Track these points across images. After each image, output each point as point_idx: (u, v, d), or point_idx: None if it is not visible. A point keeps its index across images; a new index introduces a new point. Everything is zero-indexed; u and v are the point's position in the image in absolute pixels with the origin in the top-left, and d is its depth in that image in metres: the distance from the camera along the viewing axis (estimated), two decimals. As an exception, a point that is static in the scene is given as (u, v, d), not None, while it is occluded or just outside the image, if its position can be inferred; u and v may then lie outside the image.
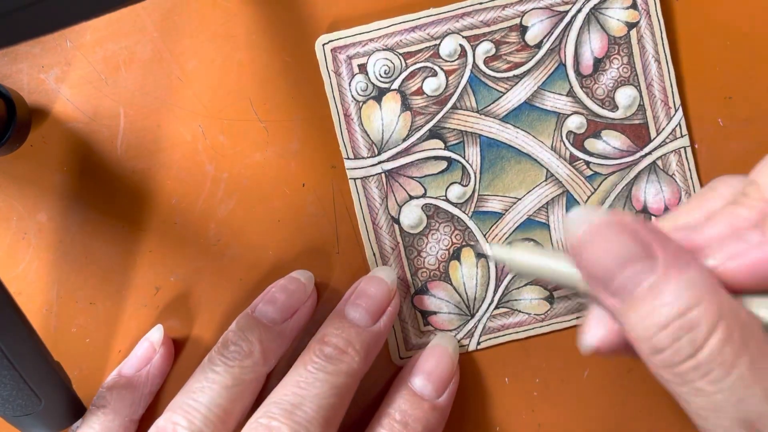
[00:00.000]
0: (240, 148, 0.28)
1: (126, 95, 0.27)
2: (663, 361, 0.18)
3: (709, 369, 0.17)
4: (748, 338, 0.17)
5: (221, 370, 0.24)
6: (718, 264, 0.18)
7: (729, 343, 0.17)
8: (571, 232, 0.19)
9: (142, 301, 0.28)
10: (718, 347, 0.17)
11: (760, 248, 0.18)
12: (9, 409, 0.22)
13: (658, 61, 0.27)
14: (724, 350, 0.17)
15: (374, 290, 0.26)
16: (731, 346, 0.17)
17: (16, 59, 0.27)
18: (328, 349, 0.24)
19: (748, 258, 0.18)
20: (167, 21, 0.27)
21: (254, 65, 0.27)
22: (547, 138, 0.28)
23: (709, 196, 0.21)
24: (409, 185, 0.28)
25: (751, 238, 0.18)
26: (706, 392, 0.17)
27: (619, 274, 0.18)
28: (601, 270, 0.18)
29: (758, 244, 0.18)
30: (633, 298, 0.18)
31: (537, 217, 0.28)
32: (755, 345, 0.17)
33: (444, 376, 0.26)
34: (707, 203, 0.21)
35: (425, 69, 0.27)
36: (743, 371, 0.17)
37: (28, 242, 0.27)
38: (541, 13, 0.27)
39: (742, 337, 0.17)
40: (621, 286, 0.18)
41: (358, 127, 0.27)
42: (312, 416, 0.23)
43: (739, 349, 0.17)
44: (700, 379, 0.17)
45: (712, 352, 0.17)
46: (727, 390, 0.17)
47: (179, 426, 0.23)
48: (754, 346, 0.17)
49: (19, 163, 0.27)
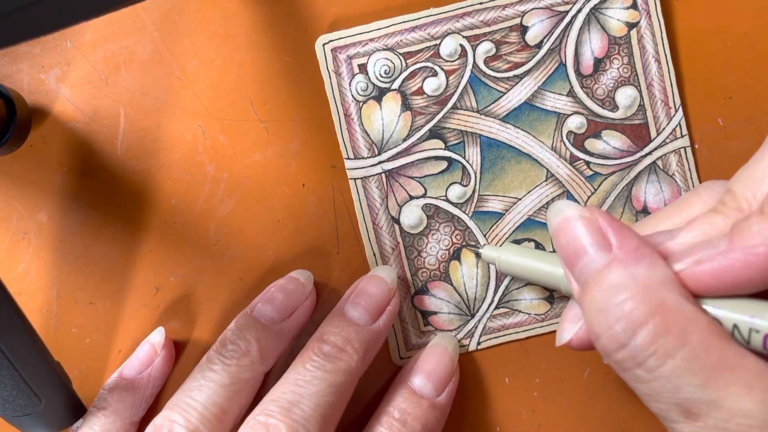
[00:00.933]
0: (240, 148, 0.28)
1: (126, 95, 0.27)
2: (602, 348, 0.19)
3: (643, 358, 0.18)
4: (689, 332, 0.18)
5: (219, 369, 0.24)
6: (684, 268, 0.19)
7: (665, 334, 0.18)
8: (549, 222, 0.21)
9: (142, 301, 0.28)
10: (650, 337, 0.18)
11: (725, 255, 0.18)
12: (9, 409, 0.22)
13: (659, 61, 0.27)
14: (659, 341, 0.18)
15: (374, 289, 0.26)
16: (668, 338, 0.18)
17: (16, 59, 0.27)
18: (326, 347, 0.24)
19: (713, 264, 0.19)
20: (167, 21, 0.27)
21: (254, 65, 0.27)
22: (547, 138, 0.28)
23: (691, 201, 0.23)
24: (409, 185, 0.28)
25: (718, 246, 0.19)
26: (644, 379, 0.18)
27: (578, 261, 0.20)
28: (567, 256, 0.20)
29: (724, 252, 0.19)
30: (586, 283, 0.20)
31: (537, 217, 0.28)
32: (698, 339, 0.18)
33: (443, 375, 0.26)
34: (689, 208, 0.22)
35: (425, 69, 0.27)
36: (679, 362, 0.18)
37: (28, 242, 0.27)
38: (542, 13, 0.27)
39: (681, 330, 0.18)
40: (579, 273, 0.20)
41: (358, 127, 0.27)
42: (309, 414, 0.23)
43: (677, 341, 0.18)
44: (636, 368, 0.18)
45: (645, 342, 0.18)
46: (662, 378, 0.18)
47: (176, 424, 0.23)
48: (696, 340, 0.18)
49: (19, 163, 0.27)
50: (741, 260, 0.18)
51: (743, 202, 0.20)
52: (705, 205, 0.22)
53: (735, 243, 0.18)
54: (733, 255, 0.18)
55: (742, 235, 0.18)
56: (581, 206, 0.21)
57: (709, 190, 0.23)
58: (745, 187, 0.20)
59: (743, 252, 0.18)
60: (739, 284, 0.19)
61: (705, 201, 0.22)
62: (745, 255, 0.18)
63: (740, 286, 0.19)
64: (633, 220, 0.28)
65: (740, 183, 0.20)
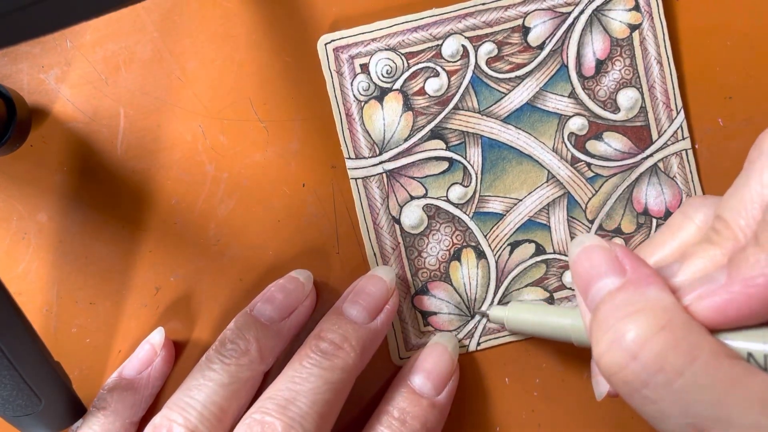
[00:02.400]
0: (240, 148, 0.27)
1: (126, 95, 0.27)
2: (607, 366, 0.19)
3: (650, 376, 0.18)
4: (698, 349, 0.18)
5: (218, 368, 0.24)
6: (688, 304, 0.19)
7: (674, 350, 0.18)
8: (570, 254, 0.22)
9: (142, 301, 0.28)
10: (658, 352, 0.18)
11: (726, 289, 0.18)
12: (9, 409, 0.22)
13: (660, 63, 0.27)
14: (667, 357, 0.18)
15: (372, 288, 0.26)
16: (677, 354, 0.18)
17: (16, 59, 0.27)
18: (324, 344, 0.24)
19: (714, 299, 0.19)
20: (167, 21, 0.27)
21: (254, 65, 0.27)
22: (548, 139, 0.28)
23: (683, 225, 0.23)
24: (410, 185, 0.28)
25: (718, 279, 0.19)
26: (652, 399, 0.18)
27: (592, 286, 0.20)
28: (582, 283, 0.20)
29: (725, 285, 0.18)
30: (596, 307, 0.20)
31: (538, 218, 0.28)
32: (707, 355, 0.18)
33: (443, 374, 0.26)
34: (681, 233, 0.23)
35: (427, 69, 0.27)
36: (688, 379, 0.17)
37: (28, 242, 0.27)
38: (544, 14, 0.27)
39: (690, 347, 0.18)
40: (592, 298, 0.20)
41: (359, 126, 0.27)
42: (306, 411, 0.23)
43: (686, 357, 0.18)
44: (643, 388, 0.18)
45: (652, 355, 0.18)
46: (671, 397, 0.18)
47: (175, 423, 0.23)
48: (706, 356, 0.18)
49: (19, 163, 0.27)
50: (742, 293, 0.18)
51: (737, 231, 0.20)
52: (697, 228, 0.22)
53: (734, 276, 0.18)
54: (733, 288, 0.18)
55: (740, 268, 0.18)
56: (601, 238, 0.21)
57: (697, 211, 0.23)
58: (737, 215, 0.20)
59: (743, 285, 0.18)
60: (742, 316, 0.18)
61: (696, 224, 0.23)
62: (745, 287, 0.18)
63: (744, 318, 0.18)
64: (634, 222, 0.28)
65: (731, 210, 0.20)
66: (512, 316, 0.26)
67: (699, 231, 0.22)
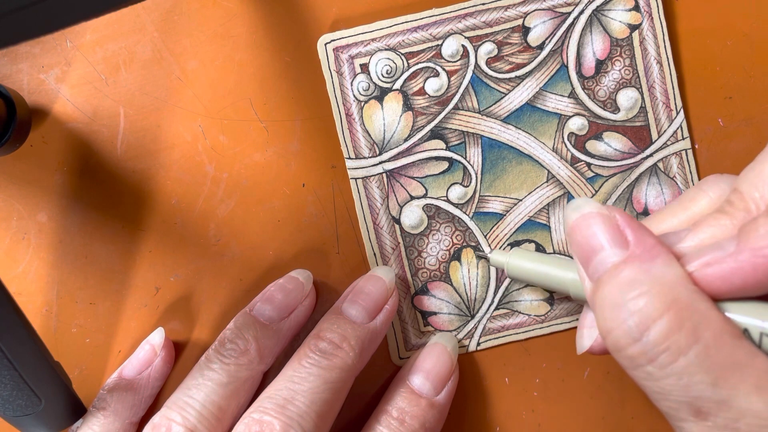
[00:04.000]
0: (240, 148, 0.27)
1: (126, 95, 0.27)
2: (613, 343, 0.19)
3: (655, 354, 0.18)
4: (702, 329, 0.18)
5: (217, 368, 0.24)
6: (693, 270, 0.19)
7: (678, 331, 0.18)
8: (566, 218, 0.21)
9: (142, 301, 0.28)
10: (664, 333, 0.18)
11: (734, 257, 0.18)
12: (9, 409, 0.22)
13: (660, 63, 0.27)
14: (672, 337, 0.18)
15: (372, 288, 0.26)
16: (682, 334, 0.18)
17: (16, 59, 0.27)
18: (323, 344, 0.24)
19: (722, 267, 0.19)
20: (167, 21, 0.27)
21: (254, 65, 0.27)
22: (548, 139, 0.28)
23: (697, 197, 0.22)
24: (410, 185, 0.28)
25: (727, 247, 0.19)
26: (655, 376, 0.18)
27: (594, 257, 0.20)
28: (582, 253, 0.20)
29: (733, 254, 0.18)
30: (599, 280, 0.19)
31: (538, 218, 0.28)
32: (711, 336, 0.18)
33: (442, 373, 0.26)
34: (693, 205, 0.22)
35: (427, 69, 0.27)
36: (692, 359, 0.18)
37: (28, 242, 0.27)
38: (544, 14, 0.27)
39: (694, 327, 0.18)
40: (594, 269, 0.20)
41: (359, 126, 0.27)
42: (304, 411, 0.23)
43: (689, 338, 0.18)
44: (647, 364, 0.18)
45: (658, 337, 0.18)
46: (673, 375, 0.18)
47: (174, 423, 0.23)
48: (709, 337, 0.18)
49: (19, 163, 0.27)
50: (749, 262, 0.18)
51: (750, 202, 0.20)
52: (710, 201, 0.22)
53: (743, 245, 0.18)
54: (741, 257, 0.18)
55: (749, 237, 0.18)
56: (600, 204, 0.21)
57: (713, 185, 0.22)
58: (753, 187, 0.20)
59: (751, 254, 0.18)
60: (748, 286, 0.18)
61: (710, 197, 0.22)
62: (753, 257, 0.18)
63: (749, 288, 0.18)
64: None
65: (747, 183, 0.20)
66: (513, 262, 0.26)
67: (711, 204, 0.22)
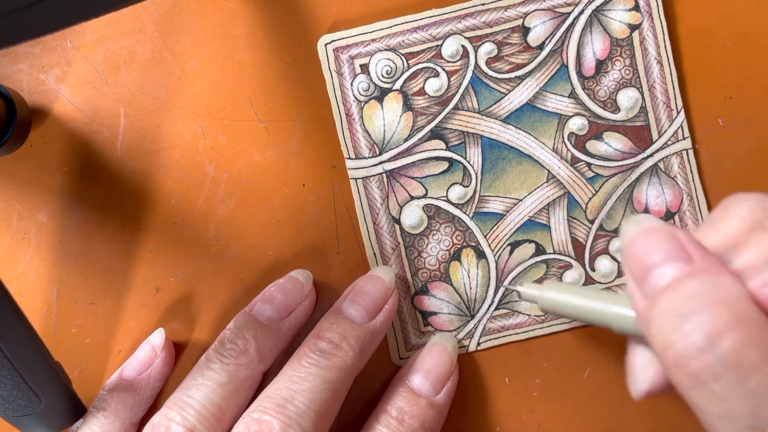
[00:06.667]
0: (240, 148, 0.27)
1: (126, 95, 0.27)
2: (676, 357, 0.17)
3: (723, 369, 0.17)
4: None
5: (217, 368, 0.24)
6: (753, 290, 0.18)
7: (750, 347, 0.17)
8: (625, 233, 0.20)
9: (142, 301, 0.28)
10: (733, 348, 0.17)
11: None
12: (9, 409, 0.22)
13: (660, 63, 0.27)
14: (742, 353, 0.16)
15: (371, 288, 0.26)
16: (752, 350, 0.16)
17: (16, 59, 0.27)
18: (322, 343, 0.24)
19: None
20: (167, 21, 0.27)
21: (254, 65, 0.27)
22: (548, 139, 0.28)
23: (725, 218, 0.21)
24: (410, 185, 0.28)
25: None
26: (721, 396, 0.17)
27: (653, 271, 0.19)
28: (639, 267, 0.19)
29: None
30: (658, 294, 0.18)
31: (538, 218, 0.28)
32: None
33: (442, 373, 0.26)
34: (724, 226, 0.21)
35: (427, 69, 0.27)
36: (763, 378, 0.16)
37: (28, 242, 0.27)
38: (544, 14, 0.27)
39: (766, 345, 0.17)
40: (652, 284, 0.19)
41: (359, 127, 0.27)
42: (303, 410, 0.23)
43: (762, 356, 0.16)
44: (714, 381, 0.17)
45: (727, 352, 0.17)
46: (742, 395, 0.16)
47: (174, 422, 0.23)
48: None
49: (19, 163, 0.27)
50: None
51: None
52: (741, 220, 0.21)
53: None
54: None
55: None
56: (661, 220, 0.20)
57: (740, 203, 0.21)
58: None
59: None
60: None
61: (741, 216, 0.21)
62: None
63: None
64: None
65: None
66: (548, 296, 0.24)
67: (743, 223, 0.21)
